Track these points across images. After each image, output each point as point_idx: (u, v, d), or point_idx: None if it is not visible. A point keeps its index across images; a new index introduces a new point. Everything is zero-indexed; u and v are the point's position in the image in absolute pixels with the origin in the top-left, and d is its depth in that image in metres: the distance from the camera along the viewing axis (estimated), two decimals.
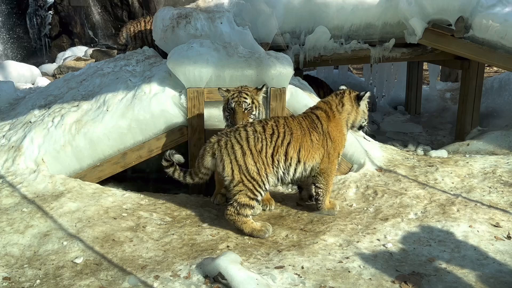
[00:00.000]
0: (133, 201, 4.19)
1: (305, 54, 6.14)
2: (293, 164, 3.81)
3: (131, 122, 4.46)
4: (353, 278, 3.05)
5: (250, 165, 3.66)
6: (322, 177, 3.93)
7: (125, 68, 5.21)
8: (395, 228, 3.68)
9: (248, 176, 3.66)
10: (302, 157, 3.82)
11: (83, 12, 14.99)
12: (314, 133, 3.87)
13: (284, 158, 3.76)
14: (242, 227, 3.67)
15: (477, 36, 5.72)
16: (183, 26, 5.19)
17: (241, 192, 3.66)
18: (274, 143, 3.73)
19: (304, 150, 3.82)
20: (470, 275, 3.07)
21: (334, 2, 5.95)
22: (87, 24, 15.04)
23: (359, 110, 4.00)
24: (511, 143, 5.82)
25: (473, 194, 4.19)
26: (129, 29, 6.71)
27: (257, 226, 3.68)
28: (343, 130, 4.00)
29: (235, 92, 4.08)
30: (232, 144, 3.68)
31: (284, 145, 3.75)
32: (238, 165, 3.66)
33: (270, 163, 3.72)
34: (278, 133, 3.76)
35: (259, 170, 3.68)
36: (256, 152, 3.68)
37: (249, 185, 3.66)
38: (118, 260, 3.28)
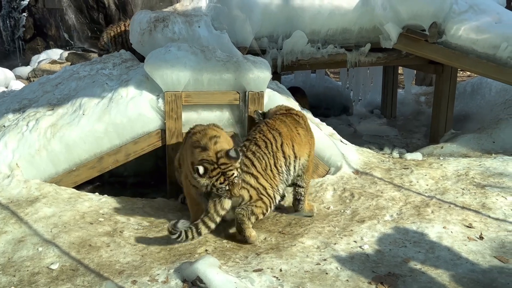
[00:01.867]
0: (110, 205, 4.15)
1: (283, 58, 6.18)
2: (292, 161, 3.88)
3: (107, 126, 4.42)
4: (330, 280, 3.09)
5: (265, 184, 3.70)
6: (305, 176, 4.00)
7: (101, 72, 5.16)
8: (371, 230, 3.74)
9: (266, 194, 3.70)
10: (297, 152, 3.89)
11: (58, 15, 14.78)
12: (300, 129, 3.99)
13: (283, 160, 3.82)
14: (245, 230, 3.64)
15: (450, 41, 5.85)
16: (161, 29, 5.17)
17: (258, 206, 3.68)
18: (271, 152, 3.77)
19: (297, 144, 3.90)
20: (444, 275, 3.13)
21: (311, 7, 6.01)
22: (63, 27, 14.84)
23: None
24: (483, 146, 5.97)
25: (447, 196, 4.28)
26: (109, 33, 6.66)
27: (254, 233, 3.68)
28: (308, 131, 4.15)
29: None
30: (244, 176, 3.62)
31: (279, 147, 3.81)
32: (256, 189, 3.67)
33: (276, 173, 3.77)
34: (269, 141, 3.80)
35: (272, 185, 3.74)
36: (263, 171, 3.71)
37: (266, 201, 3.71)
38: (95, 266, 3.24)
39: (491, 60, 5.73)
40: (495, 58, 5.72)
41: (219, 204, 3.55)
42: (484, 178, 4.63)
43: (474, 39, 5.72)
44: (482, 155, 5.65)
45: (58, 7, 14.70)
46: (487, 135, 6.15)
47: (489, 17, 5.77)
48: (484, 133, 6.23)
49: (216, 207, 3.55)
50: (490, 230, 3.70)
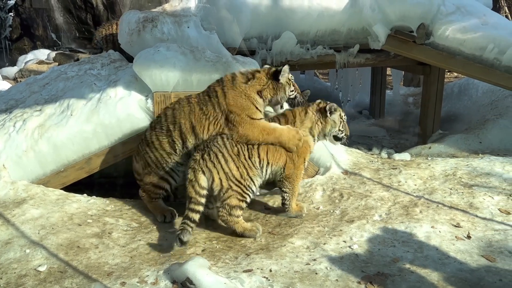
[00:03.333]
0: (99, 207, 4.12)
1: (272, 59, 6.19)
2: (265, 165, 3.88)
3: (96, 126, 4.39)
4: (320, 280, 3.09)
5: (234, 170, 3.71)
6: (287, 182, 4.00)
7: (89, 72, 5.12)
8: (360, 229, 3.75)
9: (235, 181, 3.71)
10: (270, 159, 3.90)
11: (46, 15, 14.64)
12: None
13: (258, 160, 3.84)
14: (234, 227, 3.72)
15: (438, 42, 5.91)
16: (150, 29, 5.15)
17: (231, 197, 3.71)
18: (246, 145, 3.81)
19: (271, 152, 3.90)
20: (433, 274, 3.15)
21: (300, 8, 6.03)
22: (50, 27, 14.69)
23: (328, 120, 4.06)
24: (470, 146, 6.03)
25: (435, 196, 4.31)
26: (101, 32, 6.64)
27: (248, 226, 3.75)
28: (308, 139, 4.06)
29: None
30: (216, 153, 3.69)
31: (255, 147, 3.83)
32: (225, 173, 3.69)
33: (251, 165, 3.79)
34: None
35: (242, 174, 3.73)
36: (236, 157, 3.74)
37: (237, 190, 3.72)
38: (83, 267, 3.22)
39: (478, 62, 5.79)
40: (481, 60, 5.79)
41: (197, 184, 3.60)
42: (472, 178, 4.67)
43: (461, 41, 5.78)
44: (470, 155, 5.70)
45: (45, 7, 14.56)
46: (474, 136, 6.21)
47: (476, 19, 5.84)
48: (471, 134, 6.29)
49: (195, 188, 3.59)
50: (477, 229, 3.73)
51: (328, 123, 4.06)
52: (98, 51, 6.66)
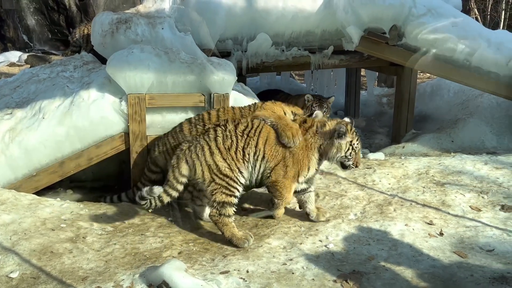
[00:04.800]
0: (72, 211, 4.06)
1: (248, 60, 6.20)
2: (260, 158, 3.79)
3: (69, 129, 4.32)
4: (296, 280, 3.11)
5: (220, 163, 3.67)
6: (274, 189, 3.85)
7: (62, 74, 5.03)
8: (336, 229, 3.79)
9: (220, 173, 3.67)
10: (267, 152, 3.79)
11: (17, 16, 14.32)
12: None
13: (254, 150, 3.76)
14: (223, 229, 3.65)
15: (410, 43, 6.02)
16: (123, 31, 5.10)
17: (216, 190, 3.67)
18: (246, 135, 3.76)
19: (269, 146, 3.79)
20: (407, 271, 3.21)
21: (274, 10, 6.05)
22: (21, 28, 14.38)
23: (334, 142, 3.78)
24: (443, 145, 6.17)
25: (408, 194, 4.39)
26: (82, 30, 6.53)
27: (238, 233, 3.64)
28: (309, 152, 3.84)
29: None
30: (202, 146, 3.70)
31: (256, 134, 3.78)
32: (208, 165, 3.67)
33: (240, 157, 3.72)
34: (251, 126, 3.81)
35: (230, 165, 3.68)
36: (225, 150, 3.69)
37: (222, 183, 3.67)
38: (57, 273, 3.16)
39: (449, 62, 5.93)
40: (452, 60, 5.92)
41: (177, 170, 3.67)
42: (444, 176, 4.77)
43: (433, 42, 5.90)
44: (442, 154, 5.82)
45: (16, 8, 14.24)
46: (446, 135, 6.36)
47: (447, 21, 5.96)
48: (443, 133, 6.43)
49: (174, 173, 3.67)
50: (449, 226, 3.81)
51: (334, 146, 3.78)
52: (77, 48, 6.54)
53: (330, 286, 3.05)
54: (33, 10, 14.34)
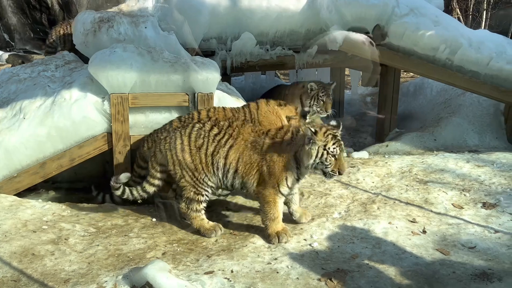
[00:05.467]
0: (54, 212, 4.00)
1: (232, 59, 6.18)
2: (231, 172, 3.64)
3: (50, 130, 4.26)
4: (281, 279, 3.11)
5: (188, 160, 3.68)
6: (259, 200, 3.66)
7: (43, 74, 4.96)
8: (320, 227, 3.80)
9: (189, 171, 3.69)
10: (240, 168, 3.62)
11: None
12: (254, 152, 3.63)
13: (223, 161, 3.63)
14: (191, 221, 3.76)
15: (393, 43, 6.06)
16: (105, 30, 5.04)
17: (185, 187, 3.73)
18: (217, 142, 3.66)
19: (243, 161, 3.61)
20: (390, 269, 3.23)
21: (259, 9, 6.04)
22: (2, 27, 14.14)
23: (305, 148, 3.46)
24: (426, 144, 6.23)
25: (391, 192, 4.42)
26: (58, 31, 6.45)
27: (206, 224, 3.72)
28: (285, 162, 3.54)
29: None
30: (175, 139, 3.72)
31: (226, 147, 3.63)
32: (178, 160, 3.70)
33: (210, 163, 3.67)
34: (224, 134, 3.68)
35: (196, 167, 3.67)
36: (195, 149, 3.67)
37: (191, 181, 3.70)
38: (39, 275, 3.11)
39: (431, 62, 5.99)
40: (434, 60, 5.99)
41: (154, 158, 3.87)
42: (427, 174, 4.81)
43: (415, 41, 5.96)
44: (425, 152, 5.88)
45: None
46: (429, 133, 6.42)
47: (429, 20, 6.03)
48: (426, 131, 6.49)
49: (152, 162, 3.89)
50: (432, 224, 3.85)
51: (305, 152, 3.45)
52: (52, 50, 6.45)
53: (315, 285, 3.05)
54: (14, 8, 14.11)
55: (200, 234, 3.73)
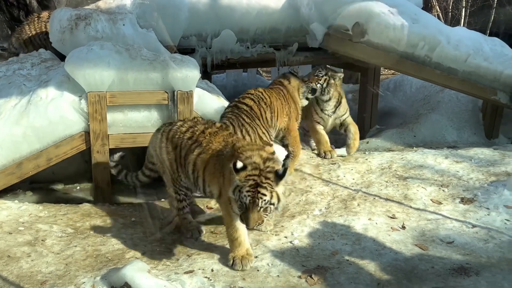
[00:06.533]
0: (31, 213, 3.94)
1: (213, 57, 6.14)
2: (200, 180, 3.49)
3: (26, 129, 4.18)
4: (261, 277, 3.11)
5: (164, 157, 3.68)
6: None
7: (18, 72, 4.86)
8: (301, 224, 3.80)
9: (168, 170, 3.71)
10: (206, 177, 3.45)
11: None
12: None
13: (192, 167, 3.48)
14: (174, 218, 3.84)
15: (373, 40, 6.07)
16: (83, 27, 4.96)
17: (167, 184, 3.78)
18: (188, 146, 3.51)
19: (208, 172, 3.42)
20: (370, 265, 3.25)
21: (239, 6, 6.02)
22: None
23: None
24: (405, 140, 6.29)
25: (371, 189, 4.45)
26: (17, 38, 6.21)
27: (188, 224, 3.71)
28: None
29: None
30: (161, 133, 3.75)
31: (195, 153, 3.45)
32: (158, 155, 3.75)
33: (182, 164, 3.57)
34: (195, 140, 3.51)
35: (171, 165, 3.65)
36: (172, 147, 3.64)
37: (169, 179, 3.72)
38: (15, 278, 3.06)
39: (410, 59, 6.02)
40: (413, 57, 6.02)
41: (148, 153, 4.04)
42: (406, 170, 4.86)
43: (394, 39, 5.99)
44: (405, 148, 5.94)
45: None
46: (409, 130, 6.48)
47: (408, 18, 6.05)
48: (406, 128, 6.55)
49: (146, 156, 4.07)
50: (411, 220, 3.88)
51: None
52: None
53: (295, 282, 3.06)
54: None
55: (181, 232, 3.71)
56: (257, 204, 2.88)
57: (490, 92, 6.09)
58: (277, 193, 2.93)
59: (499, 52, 6.14)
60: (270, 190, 2.89)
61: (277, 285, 3.03)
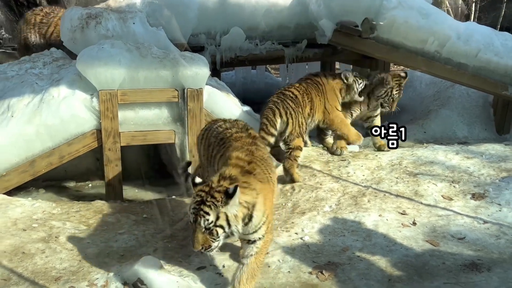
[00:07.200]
0: (44, 210, 3.98)
1: (222, 54, 6.16)
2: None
3: (39, 128, 4.23)
4: (272, 273, 3.12)
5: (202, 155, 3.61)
6: None
7: (31, 71, 4.91)
8: (311, 221, 3.80)
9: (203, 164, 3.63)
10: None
11: None
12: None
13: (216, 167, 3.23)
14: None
15: (382, 36, 6.05)
16: (93, 26, 5.00)
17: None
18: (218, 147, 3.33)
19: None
20: (381, 261, 3.25)
21: (247, 4, 6.03)
22: None
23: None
24: (415, 136, 6.26)
25: (382, 185, 4.43)
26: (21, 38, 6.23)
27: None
28: None
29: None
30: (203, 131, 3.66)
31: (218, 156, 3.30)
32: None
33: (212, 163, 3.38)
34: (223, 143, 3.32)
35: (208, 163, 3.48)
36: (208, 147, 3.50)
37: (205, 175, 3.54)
38: (29, 274, 3.10)
39: (420, 54, 5.99)
40: (423, 52, 5.99)
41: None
42: (416, 166, 4.83)
43: (404, 34, 5.96)
44: (415, 145, 5.90)
45: None
46: (419, 126, 6.45)
47: (417, 13, 6.02)
48: (415, 124, 6.52)
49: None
50: (422, 216, 3.87)
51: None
52: None
53: (306, 278, 3.07)
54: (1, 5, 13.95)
55: None
56: (199, 223, 2.53)
57: (501, 87, 6.05)
58: (226, 215, 2.53)
59: (510, 46, 6.08)
60: (215, 210, 2.51)
61: (288, 281, 3.04)
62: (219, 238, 2.57)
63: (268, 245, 2.90)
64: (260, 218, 2.69)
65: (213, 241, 2.56)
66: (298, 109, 4.73)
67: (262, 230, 2.74)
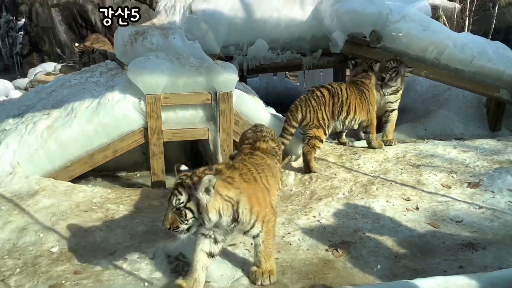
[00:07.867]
0: (102, 195, 4.05)
1: (248, 63, 6.17)
2: None
3: (97, 126, 4.30)
4: (293, 250, 3.10)
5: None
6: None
7: (90, 80, 5.00)
8: (327, 206, 3.76)
9: None
10: None
11: (51, 32, 14.29)
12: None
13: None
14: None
15: (387, 45, 5.94)
16: (140, 41, 5.05)
17: None
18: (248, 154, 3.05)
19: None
20: (388, 240, 3.19)
21: (270, 19, 6.01)
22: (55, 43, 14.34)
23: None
24: (417, 133, 6.12)
25: (388, 175, 4.35)
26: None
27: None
28: None
29: None
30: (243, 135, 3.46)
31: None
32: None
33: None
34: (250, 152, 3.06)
35: None
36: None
37: None
38: (90, 247, 3.17)
39: (421, 61, 5.86)
40: (424, 59, 5.86)
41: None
42: (419, 159, 4.72)
43: (407, 44, 5.84)
44: (417, 140, 5.77)
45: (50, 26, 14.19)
46: (420, 124, 6.31)
47: (418, 25, 5.89)
48: (417, 123, 6.38)
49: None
50: (424, 202, 3.78)
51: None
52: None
53: (323, 255, 3.04)
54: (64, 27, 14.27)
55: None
56: (171, 202, 2.37)
57: (493, 90, 5.86)
58: (199, 201, 2.34)
59: (502, 54, 5.89)
60: (187, 191, 2.35)
61: (307, 257, 3.02)
62: (188, 221, 2.37)
63: (271, 231, 2.69)
64: (249, 215, 2.53)
65: (181, 223, 2.37)
66: (319, 107, 4.65)
67: (258, 224, 2.60)
